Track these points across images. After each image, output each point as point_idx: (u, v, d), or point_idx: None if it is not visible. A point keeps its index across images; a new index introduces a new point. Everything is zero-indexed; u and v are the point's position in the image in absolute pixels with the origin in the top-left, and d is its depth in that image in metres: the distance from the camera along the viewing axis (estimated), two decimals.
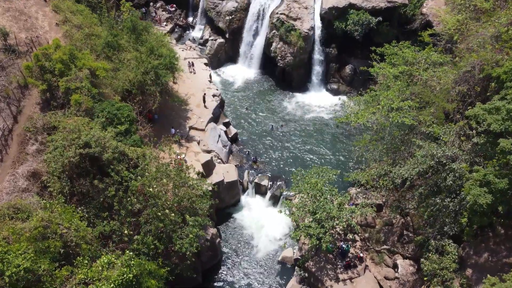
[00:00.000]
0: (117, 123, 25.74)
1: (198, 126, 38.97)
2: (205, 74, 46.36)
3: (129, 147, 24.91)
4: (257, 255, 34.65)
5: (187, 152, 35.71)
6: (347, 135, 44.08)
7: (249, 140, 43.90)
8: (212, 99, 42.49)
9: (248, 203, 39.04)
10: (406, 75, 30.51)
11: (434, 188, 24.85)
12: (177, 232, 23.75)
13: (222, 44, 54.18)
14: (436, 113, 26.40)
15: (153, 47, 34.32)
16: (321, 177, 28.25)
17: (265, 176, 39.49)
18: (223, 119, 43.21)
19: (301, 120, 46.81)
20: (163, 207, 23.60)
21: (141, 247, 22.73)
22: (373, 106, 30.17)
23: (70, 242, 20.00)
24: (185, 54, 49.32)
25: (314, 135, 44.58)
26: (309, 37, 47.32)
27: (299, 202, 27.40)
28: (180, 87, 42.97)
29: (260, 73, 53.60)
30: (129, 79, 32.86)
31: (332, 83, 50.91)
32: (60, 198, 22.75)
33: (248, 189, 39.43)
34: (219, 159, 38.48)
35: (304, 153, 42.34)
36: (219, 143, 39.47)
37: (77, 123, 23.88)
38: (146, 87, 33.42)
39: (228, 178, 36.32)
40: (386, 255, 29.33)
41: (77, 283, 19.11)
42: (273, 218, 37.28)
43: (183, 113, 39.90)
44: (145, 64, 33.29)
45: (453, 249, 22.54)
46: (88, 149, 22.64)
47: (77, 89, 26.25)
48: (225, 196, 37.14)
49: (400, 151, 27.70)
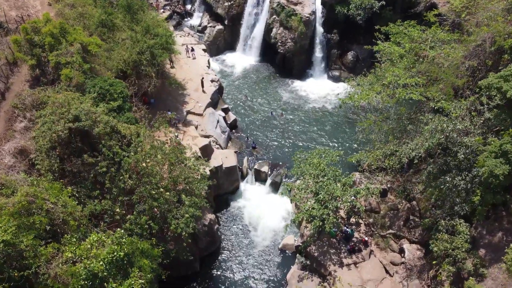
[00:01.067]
0: (109, 99, 24.44)
1: (196, 110, 37.70)
2: (203, 60, 45.09)
3: (122, 124, 23.60)
4: (257, 242, 33.38)
5: (184, 136, 34.42)
6: (350, 122, 42.79)
7: (248, 127, 42.61)
8: (210, 84, 41.21)
9: (247, 190, 37.76)
10: (412, 54, 29.19)
11: (444, 166, 23.57)
12: (172, 211, 22.45)
13: (221, 31, 52.93)
14: (445, 89, 25.12)
15: (149, 27, 33.05)
16: (323, 158, 26.95)
17: (265, 162, 38.21)
18: (222, 105, 41.94)
19: (302, 107, 45.53)
20: (158, 186, 22.31)
21: (134, 227, 21.45)
22: (378, 86, 28.88)
23: (57, 219, 18.69)
24: (183, 40, 48.04)
25: (315, 123, 43.29)
26: (310, 21, 46.03)
27: (300, 183, 26.09)
28: (177, 72, 41.71)
29: (260, 60, 52.36)
30: (123, 59, 31.60)
31: (333, 70, 49.63)
32: (48, 175, 21.46)
33: (248, 176, 38.15)
34: (217, 145, 37.20)
35: (305, 140, 41.06)
36: (217, 129, 38.18)
37: (67, 97, 22.57)
38: (141, 67, 32.16)
39: (227, 163, 35.06)
40: (392, 239, 28.05)
41: (64, 262, 17.81)
42: (274, 205, 36.07)
43: (180, 97, 38.63)
44: (141, 44, 32.05)
45: (464, 228, 21.24)
46: (78, 123, 21.34)
47: (68, 64, 24.94)
48: (224, 182, 35.88)
49: (407, 131, 26.39)
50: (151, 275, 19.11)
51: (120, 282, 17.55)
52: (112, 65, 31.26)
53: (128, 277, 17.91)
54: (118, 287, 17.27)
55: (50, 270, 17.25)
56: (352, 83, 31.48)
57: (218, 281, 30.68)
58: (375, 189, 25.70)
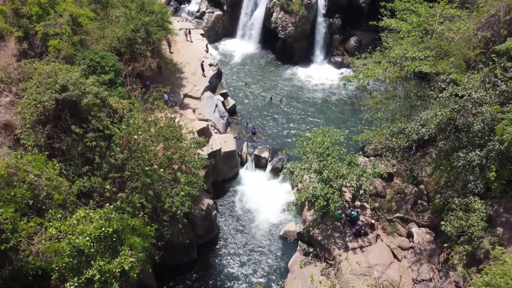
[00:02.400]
0: (100, 72, 22.97)
1: (194, 94, 36.20)
2: (202, 44, 43.60)
3: (114, 98, 22.13)
4: (257, 229, 31.92)
5: (181, 119, 32.93)
6: (353, 108, 41.30)
7: (248, 113, 41.14)
8: (209, 69, 39.71)
9: (247, 177, 36.30)
10: (419, 29, 27.76)
11: (456, 143, 22.14)
12: (167, 189, 20.98)
13: (220, 16, 51.43)
14: (456, 62, 23.70)
15: (144, 3, 31.57)
16: (327, 137, 25.49)
17: (266, 148, 36.75)
18: (221, 90, 40.45)
19: (303, 93, 44.05)
20: (151, 162, 20.84)
21: (125, 206, 19.96)
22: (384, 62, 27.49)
23: (40, 193, 17.22)
24: (181, 25, 46.54)
25: (317, 109, 41.82)
26: (311, 5, 44.58)
27: (303, 163, 24.62)
28: (174, 56, 40.19)
29: (260, 47, 50.89)
30: (117, 37, 30.13)
31: (335, 56, 48.17)
32: (34, 151, 19.98)
33: (247, 162, 36.69)
34: (216, 129, 35.73)
35: (307, 125, 39.57)
36: (216, 113, 36.71)
37: (54, 67, 21.09)
38: (136, 46, 30.70)
39: (225, 147, 33.60)
40: (399, 224, 26.62)
41: (48, 238, 16.35)
42: (274, 192, 34.65)
43: (177, 80, 37.14)
44: (135, 21, 30.57)
45: (480, 206, 19.79)
46: (65, 93, 19.85)
47: (57, 35, 23.47)
48: (223, 168, 34.43)
49: (415, 108, 24.98)
50: (143, 254, 17.67)
51: (108, 261, 16.11)
52: (105, 43, 29.86)
53: (118, 255, 16.48)
54: (106, 265, 15.83)
55: (31, 247, 15.80)
56: (357, 62, 30.08)
57: (216, 269, 29.23)
58: (382, 169, 24.23)
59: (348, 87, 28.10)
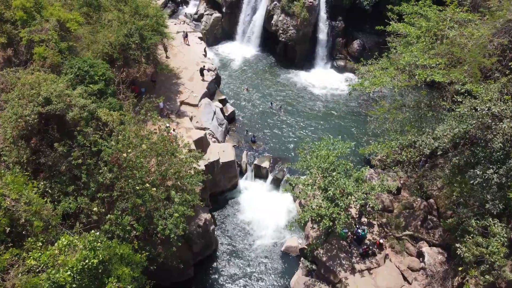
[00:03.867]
0: (88, 81, 21.33)
1: (191, 101, 34.59)
2: (200, 48, 41.98)
3: (103, 110, 20.51)
4: (257, 245, 30.35)
5: (178, 128, 31.34)
6: (358, 115, 39.70)
7: (248, 120, 39.51)
8: (207, 74, 38.09)
9: (247, 188, 34.73)
10: (430, 34, 26.17)
11: (471, 158, 20.54)
12: (160, 210, 19.35)
13: (218, 19, 49.82)
14: (470, 70, 22.10)
15: (138, 7, 29.96)
16: (332, 150, 23.89)
17: (266, 157, 35.16)
18: (219, 96, 38.84)
19: (305, 99, 42.44)
20: (143, 180, 19.22)
21: (114, 229, 18.36)
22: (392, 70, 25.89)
23: (19, 219, 15.61)
24: (178, 28, 44.95)
25: (320, 115, 40.22)
26: (313, 7, 42.95)
27: (307, 178, 23.03)
28: (171, 61, 38.62)
29: (260, 50, 49.33)
30: (109, 42, 28.54)
31: (338, 60, 46.56)
32: (15, 169, 18.35)
33: (247, 172, 35.10)
34: (214, 138, 34.14)
35: (309, 133, 37.98)
36: (214, 121, 35.10)
37: (38, 78, 19.46)
38: (129, 51, 29.12)
39: (224, 158, 32.01)
40: (409, 242, 25.02)
41: (26, 271, 14.73)
42: (275, 204, 33.09)
43: (174, 87, 35.53)
44: (129, 25, 28.99)
45: (500, 229, 18.20)
46: (48, 107, 18.23)
47: (42, 42, 21.85)
48: (221, 179, 32.84)
49: (426, 119, 23.38)
50: (132, 286, 16.04)
51: None
52: (97, 49, 28.27)
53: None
54: None
55: (6, 282, 14.16)
56: (363, 68, 28.46)
57: None
58: (391, 185, 22.61)
59: (352, 94, 26.37)
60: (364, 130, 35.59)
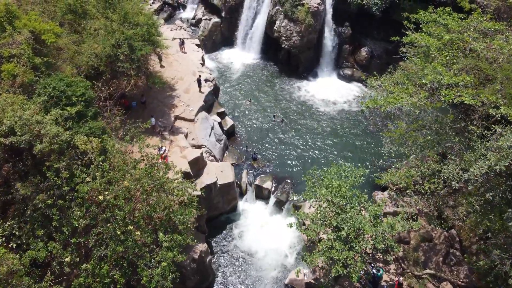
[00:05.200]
0: (65, 103, 18.50)
1: (186, 115, 31.79)
2: (197, 56, 39.22)
3: (81, 137, 17.68)
4: (258, 276, 27.52)
5: (171, 147, 28.56)
6: (368, 129, 36.83)
7: (248, 135, 36.67)
8: (204, 85, 35.32)
9: (247, 210, 31.90)
10: (454, 46, 23.33)
11: (508, 194, 17.71)
12: (145, 258, 16.52)
13: (217, 24, 47.02)
14: (503, 90, 19.26)
15: (128, 14, 27.16)
16: (344, 179, 21.03)
17: (268, 177, 32.31)
18: (218, 109, 36.03)
19: (310, 111, 39.60)
20: (126, 222, 16.39)
21: (91, 281, 15.54)
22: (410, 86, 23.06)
23: None
24: (174, 34, 42.18)
25: (326, 130, 37.34)
26: (319, 12, 40.13)
27: (316, 213, 20.17)
28: (166, 71, 35.89)
29: (262, 57, 46.53)
30: (95, 53, 25.77)
31: (345, 68, 43.73)
32: None
33: (247, 193, 32.27)
34: (211, 156, 31.32)
35: (315, 150, 35.14)
36: (211, 137, 32.28)
37: (5, 101, 16.64)
38: (118, 63, 26.32)
39: (222, 179, 29.18)
40: (430, 282, 22.17)
41: None
42: (278, 228, 30.19)
43: (168, 100, 32.75)
44: (117, 35, 26.22)
45: None
46: (12, 138, 15.43)
47: (13, 57, 19.04)
48: (219, 201, 30.03)
49: (452, 144, 20.52)
50: None
51: None
52: (82, 61, 25.50)
53: None
54: None
55: None
56: (375, 83, 25.64)
57: None
58: (414, 224, 19.73)
59: (365, 110, 23.55)
60: (376, 150, 32.76)
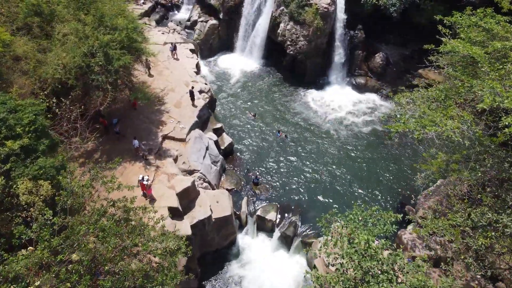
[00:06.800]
0: (5, 136, 13.89)
1: (176, 134, 27.16)
2: (191, 63, 34.58)
3: (25, 182, 13.07)
4: None
5: (157, 174, 23.93)
6: (388, 146, 32.08)
7: (249, 154, 32.00)
8: (198, 97, 30.72)
9: (247, 246, 27.27)
10: (503, 58, 18.76)
11: None
12: None
13: (215, 26, 42.40)
14: None
15: (104, 16, 22.57)
16: (371, 227, 16.35)
17: (272, 206, 27.66)
18: (214, 124, 31.38)
19: (318, 126, 34.94)
20: None
21: None
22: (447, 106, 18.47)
23: None
24: (166, 38, 37.57)
25: (338, 147, 32.64)
26: (329, 14, 35.50)
27: (335, 274, 15.48)
28: (155, 80, 31.31)
29: (264, 64, 41.93)
30: (63, 64, 21.21)
31: (357, 77, 39.09)
32: None
33: (248, 225, 27.62)
34: (205, 183, 26.67)
35: (326, 173, 30.43)
36: (206, 159, 27.62)
37: None
38: (91, 76, 21.72)
39: (218, 212, 24.59)
40: None
41: None
42: (283, 268, 25.68)
43: (155, 115, 28.11)
44: (90, 41, 21.64)
45: None
46: None
47: None
48: (214, 237, 25.41)
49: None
50: None
51: None
52: (47, 73, 20.94)
53: None
54: None
55: None
56: (403, 99, 21.08)
57: None
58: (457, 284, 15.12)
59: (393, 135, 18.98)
60: (402, 180, 28.21)
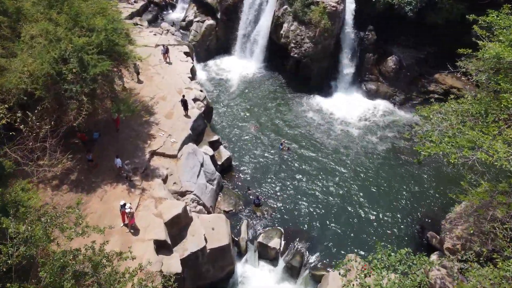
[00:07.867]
0: None
1: (167, 150, 23.86)
2: (185, 67, 31.31)
3: None
4: None
5: (142, 200, 20.62)
6: (407, 163, 28.68)
7: (249, 170, 28.61)
8: (193, 105, 27.44)
9: (248, 277, 23.92)
10: None
11: None
12: None
13: (212, 27, 39.14)
14: None
15: (79, 14, 19.28)
16: (402, 277, 13.08)
17: (275, 231, 24.32)
18: (210, 137, 28.05)
19: (327, 137, 31.60)
20: None
21: None
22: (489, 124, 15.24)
23: None
24: (158, 39, 34.31)
25: (349, 163, 29.21)
26: (337, 14, 32.22)
27: None
28: (144, 87, 28.08)
29: (265, 67, 38.74)
30: (29, 72, 17.93)
31: (368, 82, 35.80)
32: None
33: (248, 253, 24.28)
34: (199, 205, 23.36)
35: (336, 192, 27.05)
36: (200, 178, 24.29)
37: None
38: (63, 85, 18.42)
39: (214, 241, 21.26)
40: None
41: None
42: None
43: (143, 128, 24.84)
44: (62, 45, 18.36)
45: None
46: None
47: None
48: (209, 269, 22.06)
49: None
50: None
51: None
52: (10, 83, 17.68)
53: None
54: None
55: None
56: (433, 115, 17.84)
57: None
58: None
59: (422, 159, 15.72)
60: (423, 202, 24.86)
